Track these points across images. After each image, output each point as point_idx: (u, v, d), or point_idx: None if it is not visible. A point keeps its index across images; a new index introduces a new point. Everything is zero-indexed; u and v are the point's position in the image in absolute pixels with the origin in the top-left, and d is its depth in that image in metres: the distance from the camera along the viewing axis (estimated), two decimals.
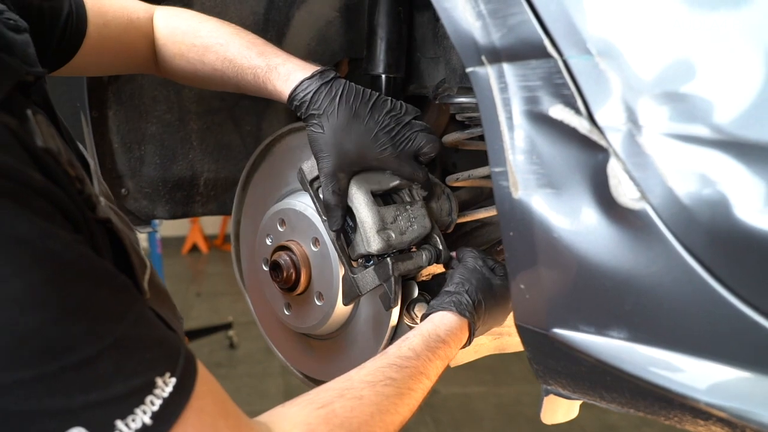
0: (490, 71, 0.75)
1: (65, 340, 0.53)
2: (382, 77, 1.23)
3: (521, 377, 4.09)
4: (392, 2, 1.21)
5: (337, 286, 1.10)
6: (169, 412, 0.57)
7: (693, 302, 0.66)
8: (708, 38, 0.63)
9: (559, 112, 0.71)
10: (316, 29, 1.35)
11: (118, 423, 0.54)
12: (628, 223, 0.68)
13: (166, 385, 0.58)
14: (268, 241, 1.22)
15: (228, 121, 1.53)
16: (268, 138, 1.27)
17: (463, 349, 1.01)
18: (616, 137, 0.67)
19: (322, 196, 1.05)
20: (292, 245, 1.16)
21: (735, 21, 0.62)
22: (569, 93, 0.69)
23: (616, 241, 0.69)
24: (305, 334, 1.26)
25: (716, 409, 0.66)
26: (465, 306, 0.99)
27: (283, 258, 1.15)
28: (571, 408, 0.99)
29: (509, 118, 0.75)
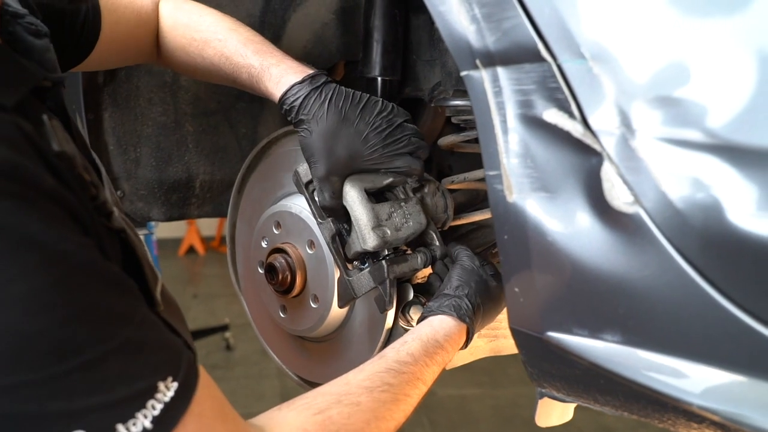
0: (484, 75, 0.75)
1: (70, 343, 0.53)
2: (378, 80, 1.23)
3: (518, 379, 4.08)
4: (388, 5, 1.21)
5: (332, 288, 1.10)
6: (170, 417, 0.58)
7: (686, 306, 0.66)
8: (701, 43, 0.63)
9: (553, 115, 0.71)
10: (312, 31, 1.35)
11: (119, 427, 0.54)
12: (621, 227, 0.68)
13: (168, 390, 0.58)
14: (264, 244, 1.22)
15: (224, 124, 1.53)
16: (264, 140, 1.27)
17: (458, 352, 1.01)
18: (609, 141, 0.68)
19: (317, 200, 1.05)
20: (288, 248, 1.16)
21: (728, 25, 0.62)
22: (563, 97, 0.70)
23: (610, 244, 0.69)
24: (301, 337, 1.26)
25: (709, 413, 0.66)
26: (465, 312, 0.98)
27: (279, 260, 1.15)
28: (566, 411, 0.99)
29: (503, 121, 0.75)
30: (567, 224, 0.72)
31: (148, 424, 0.55)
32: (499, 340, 1.21)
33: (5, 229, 0.51)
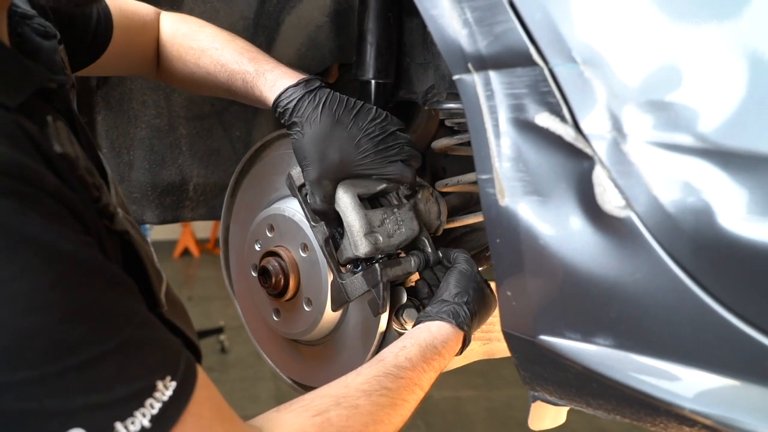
0: (476, 79, 0.75)
1: (69, 341, 0.53)
2: (372, 83, 1.23)
3: (513, 381, 4.08)
4: (382, 8, 1.21)
5: (325, 291, 1.10)
6: (168, 416, 0.57)
7: (678, 310, 0.66)
8: (692, 47, 0.63)
9: (544, 119, 0.71)
10: (306, 34, 1.35)
11: (118, 425, 0.54)
12: (613, 231, 0.68)
13: (166, 389, 0.58)
14: (257, 247, 1.22)
15: (217, 127, 1.53)
16: (258, 143, 1.27)
17: None
18: (601, 145, 0.68)
19: (310, 203, 1.05)
20: (281, 251, 1.16)
21: (719, 30, 0.62)
22: (555, 101, 0.70)
23: (602, 248, 0.69)
24: (294, 340, 1.25)
25: (701, 416, 0.66)
26: (464, 320, 0.98)
27: (272, 264, 1.15)
28: (559, 414, 0.99)
29: (495, 125, 0.75)
30: (559, 228, 0.72)
31: (146, 423, 0.55)
32: (492, 343, 1.21)
33: (6, 227, 0.51)
